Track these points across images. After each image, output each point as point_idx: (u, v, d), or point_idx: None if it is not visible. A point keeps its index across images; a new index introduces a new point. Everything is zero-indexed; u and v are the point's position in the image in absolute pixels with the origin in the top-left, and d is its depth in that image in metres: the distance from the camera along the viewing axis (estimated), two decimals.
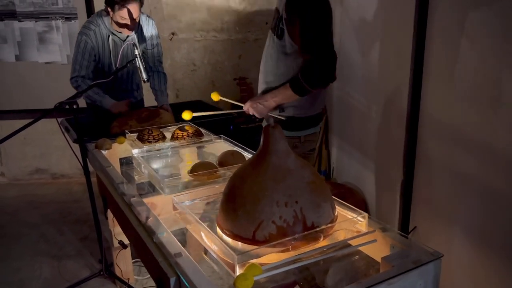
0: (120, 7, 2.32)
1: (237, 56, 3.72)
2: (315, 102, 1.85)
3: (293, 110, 1.83)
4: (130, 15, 2.35)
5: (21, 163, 3.88)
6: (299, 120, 1.85)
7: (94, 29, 2.45)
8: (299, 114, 1.84)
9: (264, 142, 1.16)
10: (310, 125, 1.89)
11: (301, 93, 1.72)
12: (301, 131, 1.86)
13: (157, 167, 1.81)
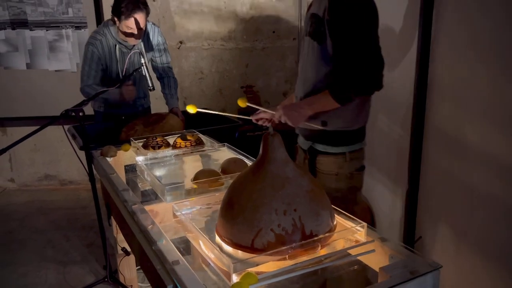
0: (127, 17, 2.35)
1: (245, 65, 3.74)
2: (361, 113, 1.69)
3: (338, 122, 1.66)
4: (136, 24, 2.38)
5: (31, 170, 3.93)
6: (344, 133, 1.68)
7: (100, 38, 2.49)
8: (345, 127, 1.67)
9: (263, 150, 1.17)
10: (356, 140, 1.71)
11: (342, 101, 1.56)
12: (347, 146, 1.69)
13: (160, 174, 1.82)
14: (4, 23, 3.48)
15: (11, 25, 3.49)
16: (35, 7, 3.46)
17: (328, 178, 1.70)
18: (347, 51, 1.52)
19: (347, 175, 1.70)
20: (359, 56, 1.50)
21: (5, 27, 3.49)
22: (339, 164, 1.69)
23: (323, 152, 1.71)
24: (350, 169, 1.70)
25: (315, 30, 1.62)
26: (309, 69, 1.69)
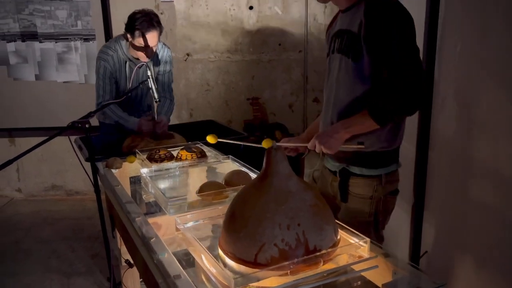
0: (140, 35, 2.37)
1: (251, 77, 3.76)
2: (399, 132, 1.57)
3: (376, 143, 1.53)
4: (149, 42, 2.41)
5: (37, 180, 3.96)
6: (381, 154, 1.56)
7: (112, 54, 2.52)
8: (383, 147, 1.55)
9: (266, 164, 1.17)
10: (392, 161, 1.60)
11: (382, 121, 1.44)
12: (383, 168, 1.57)
13: (165, 187, 1.82)
14: (15, 35, 3.54)
15: (21, 37, 3.54)
16: (45, 20, 3.51)
17: (362, 202, 1.60)
18: (393, 68, 1.41)
19: (381, 199, 1.59)
20: (406, 73, 1.39)
21: (16, 39, 3.55)
22: (375, 187, 1.58)
23: (357, 175, 1.60)
24: (385, 192, 1.60)
25: (349, 47, 1.51)
26: (342, 89, 1.56)
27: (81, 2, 3.49)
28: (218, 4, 3.59)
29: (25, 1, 3.47)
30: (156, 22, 2.41)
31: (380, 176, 1.57)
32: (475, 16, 1.79)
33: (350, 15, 1.53)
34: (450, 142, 1.98)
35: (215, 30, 3.64)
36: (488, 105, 1.72)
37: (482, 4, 1.74)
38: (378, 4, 1.43)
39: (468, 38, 1.83)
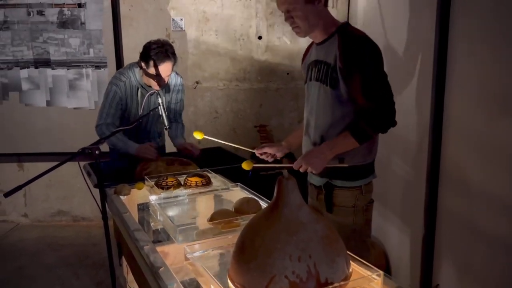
0: (154, 64, 2.41)
1: (258, 105, 3.79)
2: (373, 147, 1.82)
3: (355, 158, 1.76)
4: (163, 72, 2.45)
5: (44, 205, 3.96)
6: (360, 168, 1.79)
7: (124, 80, 2.55)
8: (360, 161, 1.78)
9: (277, 193, 1.16)
10: (370, 172, 1.84)
11: (362, 140, 1.67)
12: (363, 179, 1.80)
13: (173, 214, 1.81)
14: (28, 62, 3.62)
15: (34, 64, 3.62)
16: (58, 48, 3.59)
17: (346, 211, 1.79)
18: (368, 95, 1.62)
19: (363, 207, 1.80)
20: (380, 98, 1.63)
21: (29, 66, 3.62)
22: (356, 196, 1.78)
23: (340, 187, 1.79)
24: (365, 202, 1.81)
25: (326, 76, 1.72)
26: (322, 113, 1.77)
27: (94, 31, 3.57)
28: (228, 33, 3.66)
29: (40, 29, 3.56)
30: (171, 53, 2.46)
31: (360, 187, 1.79)
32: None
33: (325, 47, 1.75)
34: (461, 175, 1.96)
35: (225, 58, 3.70)
36: (498, 135, 1.71)
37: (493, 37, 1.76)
38: (351, 40, 1.66)
39: (476, 72, 1.84)
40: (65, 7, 3.52)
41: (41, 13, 3.53)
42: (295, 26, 1.73)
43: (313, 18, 1.70)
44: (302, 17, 1.69)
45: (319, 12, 1.71)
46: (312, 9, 1.69)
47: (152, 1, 3.58)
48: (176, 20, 3.61)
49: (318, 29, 1.74)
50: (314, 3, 1.69)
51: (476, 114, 1.85)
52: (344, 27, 1.73)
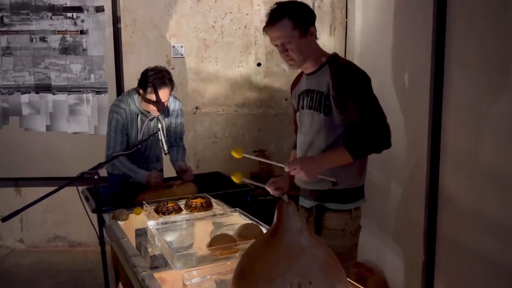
0: (152, 91, 2.46)
1: (257, 130, 3.81)
2: (363, 171, 1.87)
3: (347, 180, 1.82)
4: (161, 98, 2.49)
5: (41, 230, 3.92)
6: (352, 191, 1.85)
7: (124, 107, 2.60)
8: (352, 184, 1.84)
9: (277, 218, 1.16)
10: (360, 196, 1.89)
11: (357, 156, 1.73)
12: (354, 202, 1.85)
13: (171, 240, 1.80)
14: (29, 87, 3.65)
15: (35, 89, 3.65)
16: (59, 73, 3.64)
17: (335, 234, 1.83)
18: (362, 117, 1.70)
19: (351, 232, 1.85)
20: (373, 119, 1.71)
21: (30, 91, 3.66)
22: (346, 220, 1.83)
23: (331, 210, 1.84)
24: (354, 226, 1.86)
25: (320, 104, 1.80)
26: (317, 139, 1.83)
27: (95, 57, 3.63)
28: (227, 60, 3.71)
29: (42, 55, 3.61)
30: (168, 79, 2.51)
31: (350, 210, 1.84)
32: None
33: (316, 77, 1.83)
34: (459, 200, 1.96)
35: (224, 84, 3.74)
36: (496, 159, 1.72)
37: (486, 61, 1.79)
38: (342, 68, 1.76)
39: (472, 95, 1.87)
40: (68, 33, 3.59)
41: (44, 40, 3.59)
42: (290, 59, 1.79)
43: (306, 50, 1.78)
44: (296, 50, 1.75)
45: (311, 45, 1.80)
46: (305, 42, 1.76)
47: (153, 28, 3.65)
48: (176, 47, 3.67)
49: (310, 60, 1.82)
50: (307, 36, 1.76)
51: (472, 138, 1.86)
52: (333, 57, 1.83)
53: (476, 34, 1.84)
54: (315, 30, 1.79)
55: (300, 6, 1.79)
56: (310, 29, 1.77)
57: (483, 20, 1.80)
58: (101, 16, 3.57)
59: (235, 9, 3.66)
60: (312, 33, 1.78)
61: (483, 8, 1.80)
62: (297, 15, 1.74)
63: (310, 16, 1.79)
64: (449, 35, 1.99)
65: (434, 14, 2.03)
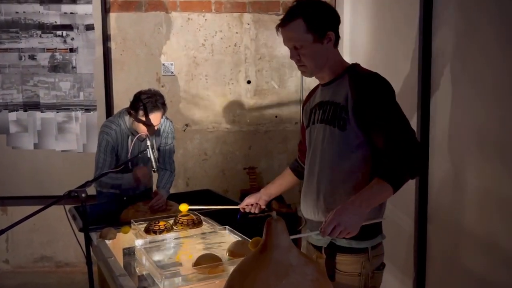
0: (144, 114, 2.46)
1: (248, 147, 3.81)
2: (384, 204, 1.59)
3: (371, 214, 1.48)
4: (152, 122, 2.49)
5: (27, 251, 3.83)
6: (368, 227, 1.49)
7: (115, 128, 2.59)
8: (372, 218, 1.51)
9: (266, 235, 1.15)
10: (377, 232, 1.60)
11: (399, 185, 1.42)
12: (371, 240, 1.56)
13: (159, 259, 1.77)
14: (17, 105, 3.62)
15: (24, 107, 3.63)
16: (48, 91, 3.62)
17: (351, 280, 1.55)
18: (390, 137, 1.44)
19: (369, 275, 1.56)
20: (405, 139, 1.43)
21: (18, 109, 3.63)
22: (362, 263, 1.54)
23: (344, 249, 1.55)
24: (372, 268, 1.57)
25: (333, 117, 1.55)
26: (328, 158, 1.57)
27: (85, 75, 3.62)
28: (217, 78, 3.73)
29: (31, 73, 3.60)
30: (161, 103, 2.52)
31: (366, 249, 1.55)
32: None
33: (333, 87, 1.59)
34: (448, 215, 1.97)
35: (214, 102, 3.75)
36: (483, 178, 1.74)
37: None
38: (363, 78, 1.52)
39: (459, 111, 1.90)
40: (57, 51, 3.59)
41: (33, 58, 3.58)
42: (301, 65, 1.58)
43: (321, 57, 1.56)
44: (309, 56, 1.54)
45: (328, 52, 1.56)
46: (320, 48, 1.54)
47: (144, 46, 3.67)
48: (166, 65, 3.69)
49: (326, 69, 1.59)
50: (323, 42, 1.54)
51: (460, 153, 1.88)
52: (353, 66, 1.61)
53: (462, 61, 1.88)
54: (334, 36, 1.55)
55: (320, 7, 1.55)
56: (327, 34, 1.53)
57: (469, 43, 1.84)
58: (91, 34, 3.58)
59: (225, 27, 3.70)
60: (330, 39, 1.54)
61: (469, 30, 1.84)
62: (314, 17, 1.51)
63: (330, 19, 1.56)
64: (435, 56, 2.03)
65: (420, 37, 2.07)
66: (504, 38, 1.61)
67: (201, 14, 3.67)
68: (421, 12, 2.05)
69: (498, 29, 1.64)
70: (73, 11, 3.55)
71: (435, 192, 2.06)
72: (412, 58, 2.15)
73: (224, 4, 3.67)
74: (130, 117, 2.57)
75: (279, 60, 3.72)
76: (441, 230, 2.03)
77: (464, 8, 1.84)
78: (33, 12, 3.53)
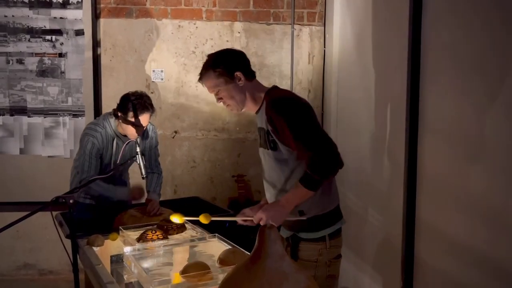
0: (133, 115, 2.44)
1: (237, 154, 3.81)
2: (331, 194, 1.84)
3: (312, 209, 1.78)
4: (141, 123, 2.47)
5: (9, 258, 3.75)
6: (322, 217, 1.80)
7: (100, 131, 2.55)
8: (320, 211, 1.80)
9: (259, 243, 1.15)
10: (332, 221, 1.83)
11: (314, 187, 1.69)
12: (325, 229, 1.80)
13: (148, 266, 1.75)
14: (3, 109, 3.57)
15: (10, 111, 3.57)
16: (35, 96, 3.57)
17: (308, 265, 1.77)
18: (300, 144, 1.69)
19: (326, 262, 1.79)
20: (311, 144, 1.68)
21: (4, 113, 3.57)
22: (320, 251, 1.79)
23: (305, 239, 1.81)
24: (329, 256, 1.80)
25: (266, 142, 1.83)
26: (273, 174, 1.86)
27: (73, 80, 3.59)
28: None
29: (18, 77, 3.55)
30: (149, 104, 2.51)
31: (324, 238, 1.79)
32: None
33: (260, 115, 1.86)
34: (437, 225, 1.99)
35: (204, 109, 3.75)
36: (469, 185, 1.77)
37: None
38: (273, 102, 1.76)
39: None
40: (46, 56, 3.55)
41: (21, 62, 3.54)
42: (227, 105, 1.85)
43: (238, 95, 1.81)
44: (227, 97, 1.81)
45: (243, 88, 1.82)
46: (234, 88, 1.80)
47: (133, 53, 3.66)
48: (156, 71, 3.68)
49: (248, 102, 1.85)
50: (235, 81, 1.80)
51: (449, 163, 1.91)
52: (269, 91, 1.85)
53: (451, 65, 1.92)
54: (242, 74, 1.81)
55: (223, 55, 1.85)
56: (235, 75, 1.80)
57: (459, 50, 1.88)
58: (80, 39, 3.56)
59: (216, 35, 3.71)
60: (239, 78, 1.80)
61: (458, 37, 1.88)
62: (219, 64, 1.79)
63: (234, 62, 1.83)
64: (424, 64, 2.07)
65: (409, 45, 2.11)
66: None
67: (192, 21, 3.68)
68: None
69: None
70: (63, 16, 3.53)
71: (423, 203, 2.08)
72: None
73: (215, 12, 3.69)
74: (116, 119, 2.54)
75: (269, 69, 3.74)
76: (428, 241, 2.05)
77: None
78: (22, 16, 3.50)
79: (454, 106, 1.89)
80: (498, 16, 1.64)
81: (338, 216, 1.87)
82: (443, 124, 1.95)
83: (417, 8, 2.06)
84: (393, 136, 2.33)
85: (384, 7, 2.53)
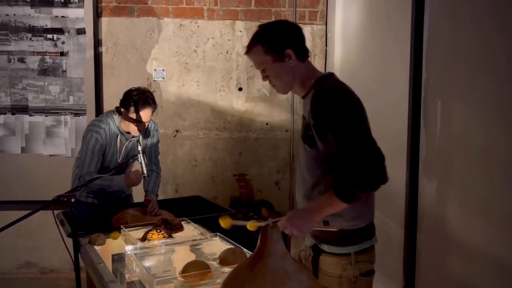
0: (135, 110, 2.44)
1: (238, 154, 3.80)
2: (365, 209, 1.60)
3: (341, 221, 1.55)
4: (143, 118, 2.47)
5: (11, 256, 3.75)
6: (350, 232, 1.57)
7: (104, 127, 2.55)
8: (348, 226, 1.56)
9: (261, 243, 1.14)
10: (363, 238, 1.61)
11: (349, 200, 1.45)
12: (354, 245, 1.58)
13: (149, 265, 1.75)
14: (5, 108, 3.57)
15: (12, 110, 3.57)
16: (37, 94, 3.57)
17: (331, 280, 1.57)
18: (343, 151, 1.47)
19: (352, 279, 1.57)
20: (356, 153, 1.45)
21: (5, 112, 3.57)
22: (343, 266, 1.57)
23: (327, 252, 1.61)
24: (355, 273, 1.58)
25: (304, 134, 1.63)
26: (305, 171, 1.64)
27: (75, 79, 3.59)
28: (209, 84, 3.73)
29: (20, 76, 3.55)
30: (151, 99, 2.51)
31: (349, 255, 1.57)
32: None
33: (305, 103, 1.65)
34: (439, 224, 1.98)
35: (205, 108, 3.75)
36: (473, 185, 1.76)
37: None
38: (322, 94, 1.55)
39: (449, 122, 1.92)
40: (47, 55, 3.55)
41: (22, 61, 3.54)
42: (272, 84, 1.67)
43: (286, 75, 1.62)
44: (274, 76, 1.62)
45: (293, 69, 1.61)
46: (283, 67, 1.60)
47: (135, 51, 3.65)
48: (158, 70, 3.68)
49: (296, 84, 1.65)
50: (284, 60, 1.59)
51: (452, 162, 1.90)
52: (322, 79, 1.62)
53: (454, 67, 1.91)
54: (293, 52, 1.59)
55: (274, 29, 1.65)
56: (286, 53, 1.59)
57: (463, 52, 1.87)
58: (82, 38, 3.56)
59: (217, 34, 3.70)
60: (289, 57, 1.59)
61: (461, 42, 1.87)
62: (269, 40, 1.60)
63: (286, 38, 1.62)
64: (427, 63, 2.06)
65: (412, 45, 2.10)
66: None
67: (193, 20, 3.68)
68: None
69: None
70: (64, 15, 3.53)
71: (425, 201, 2.08)
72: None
73: (217, 11, 3.68)
74: (118, 116, 2.55)
75: None
76: (430, 239, 2.05)
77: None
78: (24, 15, 3.50)
79: (456, 105, 1.88)
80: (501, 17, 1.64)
81: (369, 233, 1.64)
82: (446, 123, 1.94)
83: (419, 6, 2.05)
84: (395, 135, 2.33)
85: (386, 5, 2.52)
